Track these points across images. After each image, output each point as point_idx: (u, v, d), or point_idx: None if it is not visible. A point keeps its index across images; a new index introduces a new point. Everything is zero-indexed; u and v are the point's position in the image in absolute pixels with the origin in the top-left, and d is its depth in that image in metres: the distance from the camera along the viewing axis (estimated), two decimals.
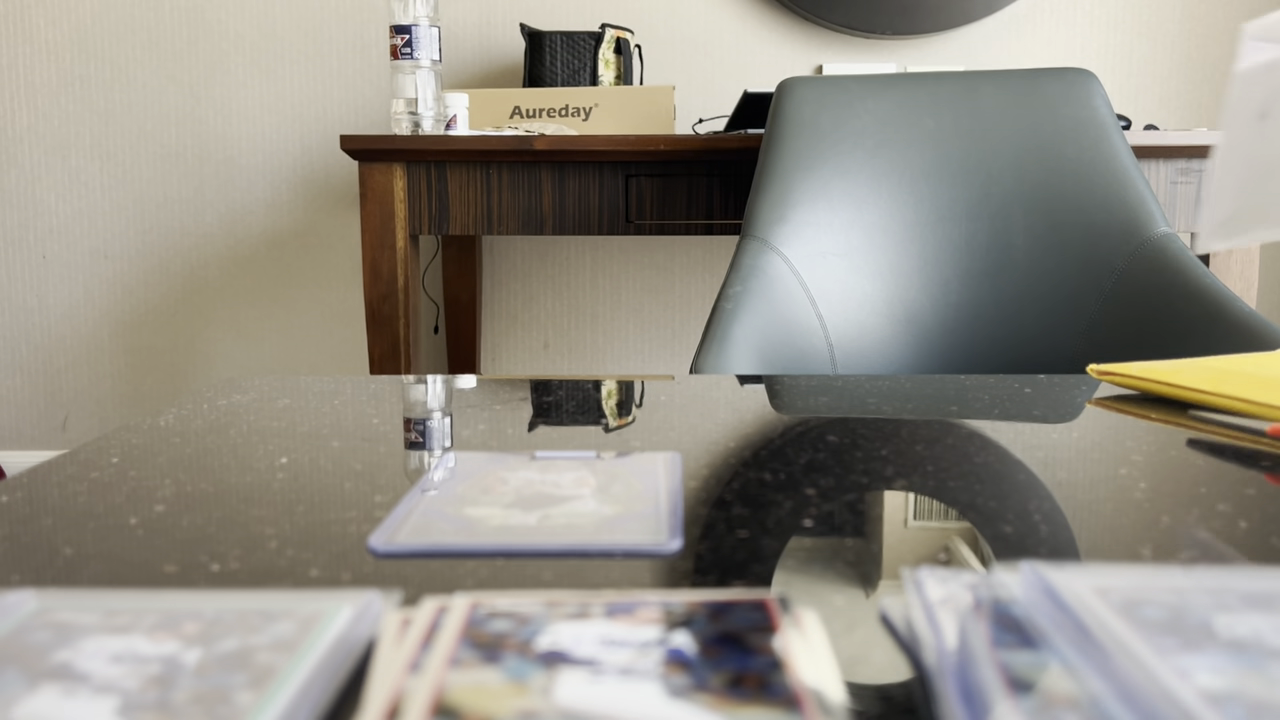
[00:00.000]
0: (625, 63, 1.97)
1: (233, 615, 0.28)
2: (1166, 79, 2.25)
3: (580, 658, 0.25)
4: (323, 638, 0.27)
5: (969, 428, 0.55)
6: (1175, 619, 0.26)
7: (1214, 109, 2.27)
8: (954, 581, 0.29)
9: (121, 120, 2.29)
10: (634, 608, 0.28)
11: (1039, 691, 0.23)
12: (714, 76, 2.25)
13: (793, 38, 2.24)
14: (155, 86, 2.28)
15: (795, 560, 0.35)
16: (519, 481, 0.43)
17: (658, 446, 0.50)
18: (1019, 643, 0.25)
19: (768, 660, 0.25)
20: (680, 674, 0.24)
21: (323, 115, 2.28)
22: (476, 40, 2.24)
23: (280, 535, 0.37)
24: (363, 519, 0.39)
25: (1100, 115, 1.23)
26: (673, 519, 0.38)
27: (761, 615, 0.28)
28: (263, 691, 0.24)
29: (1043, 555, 0.35)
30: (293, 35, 2.27)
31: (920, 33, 2.18)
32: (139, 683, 0.25)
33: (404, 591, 0.31)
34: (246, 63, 2.27)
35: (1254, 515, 0.39)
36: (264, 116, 2.29)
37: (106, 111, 2.29)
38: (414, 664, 0.25)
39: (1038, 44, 2.25)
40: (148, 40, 2.27)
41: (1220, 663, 0.23)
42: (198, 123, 2.29)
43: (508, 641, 0.26)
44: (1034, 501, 0.41)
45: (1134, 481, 0.44)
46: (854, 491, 0.43)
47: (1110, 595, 0.27)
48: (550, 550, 0.35)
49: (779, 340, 1.04)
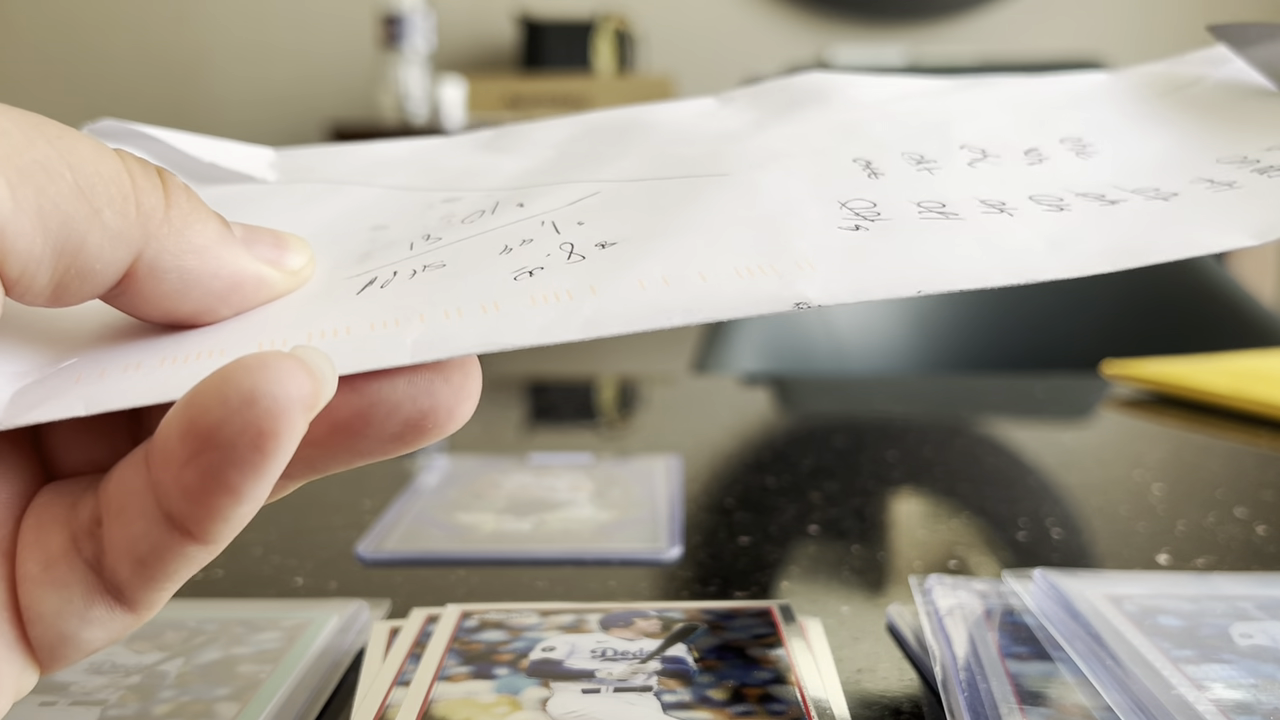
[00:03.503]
0: (624, 51, 1.97)
1: (215, 625, 0.28)
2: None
3: (575, 670, 0.25)
4: (308, 649, 0.27)
5: (979, 429, 0.54)
6: (1192, 628, 0.25)
7: None
8: (964, 590, 0.28)
9: (106, 112, 2.29)
10: (631, 618, 0.28)
11: (1051, 704, 0.23)
12: (714, 65, 2.24)
13: (796, 24, 2.23)
14: (140, 78, 2.28)
15: (799, 568, 0.34)
16: (513, 486, 0.42)
17: (657, 449, 0.49)
18: (1031, 653, 0.25)
19: (770, 673, 0.25)
20: (679, 687, 0.24)
21: (312, 106, 2.27)
22: (470, 24, 2.23)
23: (265, 542, 0.37)
24: (350, 525, 0.38)
25: None
26: (672, 525, 0.37)
27: (764, 625, 0.27)
28: (245, 704, 0.24)
29: (1055, 562, 0.34)
30: (280, 25, 2.26)
31: (930, 18, 2.16)
32: (118, 694, 0.25)
33: (392, 601, 0.31)
34: (233, 54, 2.27)
35: (1272, 520, 0.38)
36: (252, 107, 2.28)
37: (90, 103, 2.29)
38: (402, 676, 0.25)
39: (1053, 30, 2.21)
40: (132, 31, 2.27)
41: (1238, 673, 0.23)
42: (184, 114, 2.29)
43: (499, 653, 0.26)
44: (1046, 506, 0.41)
45: (1149, 485, 0.43)
46: (860, 496, 0.42)
47: (1125, 604, 0.26)
48: (545, 558, 0.35)
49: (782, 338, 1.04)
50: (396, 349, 0.16)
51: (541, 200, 0.21)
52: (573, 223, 0.19)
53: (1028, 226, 0.19)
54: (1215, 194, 0.20)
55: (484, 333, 0.16)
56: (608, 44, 1.94)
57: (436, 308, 0.17)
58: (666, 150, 0.22)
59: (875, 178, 0.21)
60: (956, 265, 0.18)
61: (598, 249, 0.18)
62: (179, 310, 0.17)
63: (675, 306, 0.17)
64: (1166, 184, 0.21)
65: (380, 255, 0.19)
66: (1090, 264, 0.18)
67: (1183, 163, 0.22)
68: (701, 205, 0.19)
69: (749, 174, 0.21)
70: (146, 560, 0.15)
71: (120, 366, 0.16)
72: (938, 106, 0.24)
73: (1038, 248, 0.18)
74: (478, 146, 0.25)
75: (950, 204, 0.20)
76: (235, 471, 0.14)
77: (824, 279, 0.17)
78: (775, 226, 0.19)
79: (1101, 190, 0.21)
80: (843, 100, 0.25)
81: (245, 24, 2.26)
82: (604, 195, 0.21)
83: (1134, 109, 0.25)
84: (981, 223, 0.19)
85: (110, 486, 0.15)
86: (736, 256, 0.18)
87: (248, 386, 0.13)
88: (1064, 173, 0.22)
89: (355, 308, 0.17)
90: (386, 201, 0.22)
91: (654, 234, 0.18)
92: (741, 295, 0.17)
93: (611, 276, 0.17)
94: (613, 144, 0.24)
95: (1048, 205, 0.20)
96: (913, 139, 0.22)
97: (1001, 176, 0.21)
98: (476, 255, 0.19)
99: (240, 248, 0.17)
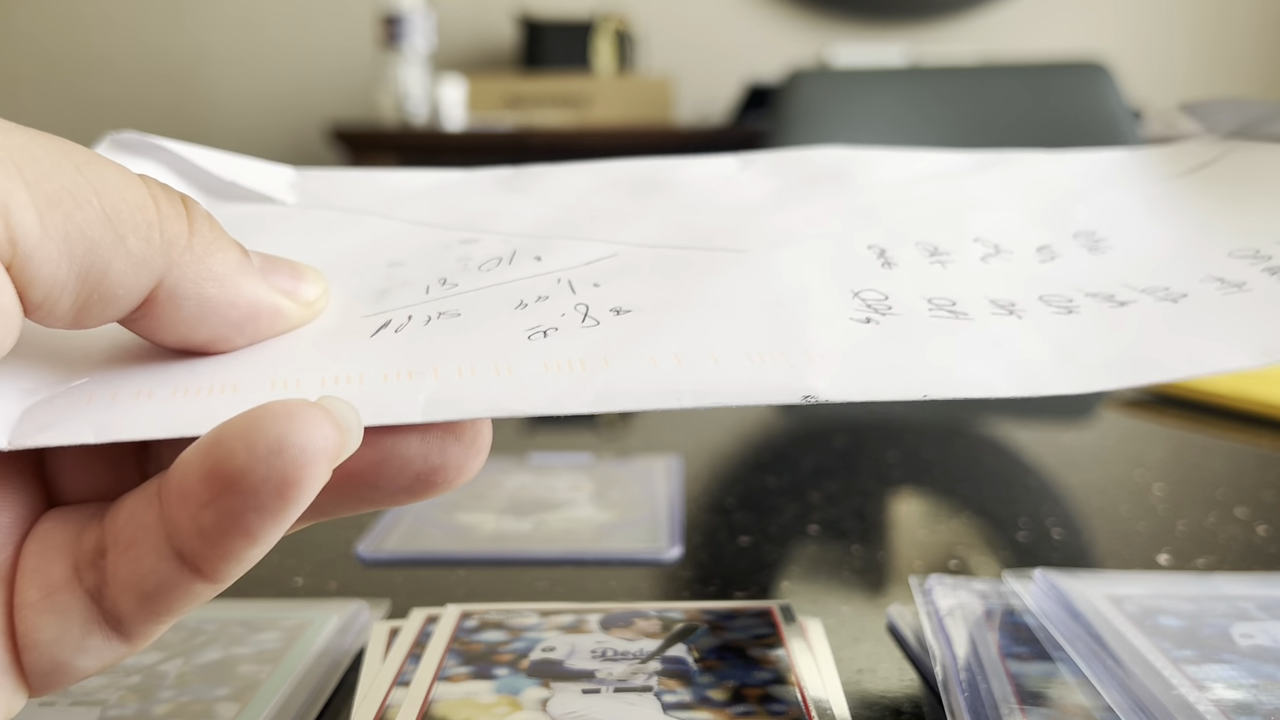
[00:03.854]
0: (624, 51, 1.97)
1: (215, 625, 0.28)
2: (1185, 65, 2.23)
3: (575, 670, 0.25)
4: (307, 649, 0.26)
5: (979, 429, 0.54)
6: (1192, 628, 0.25)
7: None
8: (964, 590, 0.28)
9: (103, 114, 2.28)
10: (631, 618, 0.28)
11: (1052, 704, 0.23)
12: (714, 65, 2.24)
13: (795, 24, 2.23)
14: (139, 78, 2.28)
15: (799, 568, 0.34)
16: (513, 486, 0.42)
17: (657, 449, 0.49)
18: (1031, 653, 0.25)
19: (770, 673, 0.25)
20: (679, 687, 0.24)
21: (311, 106, 2.27)
22: (470, 24, 2.23)
23: None
24: (350, 525, 0.38)
25: (1113, 108, 1.22)
26: (672, 525, 0.37)
27: (764, 626, 0.27)
28: (245, 704, 0.24)
29: (1056, 562, 0.34)
30: (279, 25, 2.25)
31: (930, 18, 2.16)
32: (118, 694, 0.24)
33: (392, 601, 0.31)
34: (232, 54, 2.27)
35: (1273, 520, 0.38)
36: (251, 107, 2.28)
37: (89, 104, 2.28)
38: (402, 677, 0.25)
39: (1053, 30, 2.21)
40: (131, 31, 2.27)
41: (1239, 673, 0.23)
42: (183, 114, 2.29)
43: (499, 653, 0.26)
44: (1047, 506, 0.40)
45: (1149, 485, 0.43)
46: (861, 496, 0.42)
47: (1126, 604, 0.26)
48: (545, 558, 0.35)
49: None
50: (410, 406, 0.16)
51: (559, 256, 0.21)
52: (588, 284, 0.20)
53: (1036, 331, 0.19)
54: (1224, 297, 0.20)
55: (496, 397, 0.16)
56: (608, 44, 1.94)
57: (449, 363, 0.17)
58: (686, 219, 0.23)
59: (889, 268, 0.21)
60: (963, 372, 0.18)
61: (612, 314, 0.18)
62: (195, 337, 0.17)
63: (686, 389, 0.17)
64: (1177, 282, 0.21)
65: (396, 295, 0.19)
66: (1095, 379, 0.18)
67: (1195, 256, 0.22)
68: (717, 282, 0.20)
69: (765, 253, 0.21)
70: (152, 595, 0.15)
71: (132, 393, 0.16)
72: (954, 192, 0.24)
73: (1045, 356, 0.18)
74: (498, 184, 0.25)
75: (960, 303, 0.20)
76: (255, 517, 0.14)
77: (833, 374, 0.17)
78: (789, 311, 0.19)
79: (1112, 290, 0.20)
80: (862, 180, 0.25)
81: (244, 24, 2.26)
82: (621, 258, 0.21)
83: (1150, 190, 0.25)
84: (990, 325, 0.19)
85: (120, 519, 0.15)
86: (749, 339, 0.18)
87: (275, 435, 0.13)
88: (1075, 270, 0.21)
89: (369, 352, 0.17)
90: (405, 236, 0.22)
91: (669, 307, 0.19)
92: (752, 383, 0.17)
93: (624, 349, 0.17)
94: (632, 199, 0.24)
95: (1057, 307, 0.20)
96: (927, 228, 0.22)
97: (1012, 273, 0.21)
98: (491, 307, 0.19)
99: (258, 277, 0.17)
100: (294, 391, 0.16)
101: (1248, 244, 0.22)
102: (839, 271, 0.20)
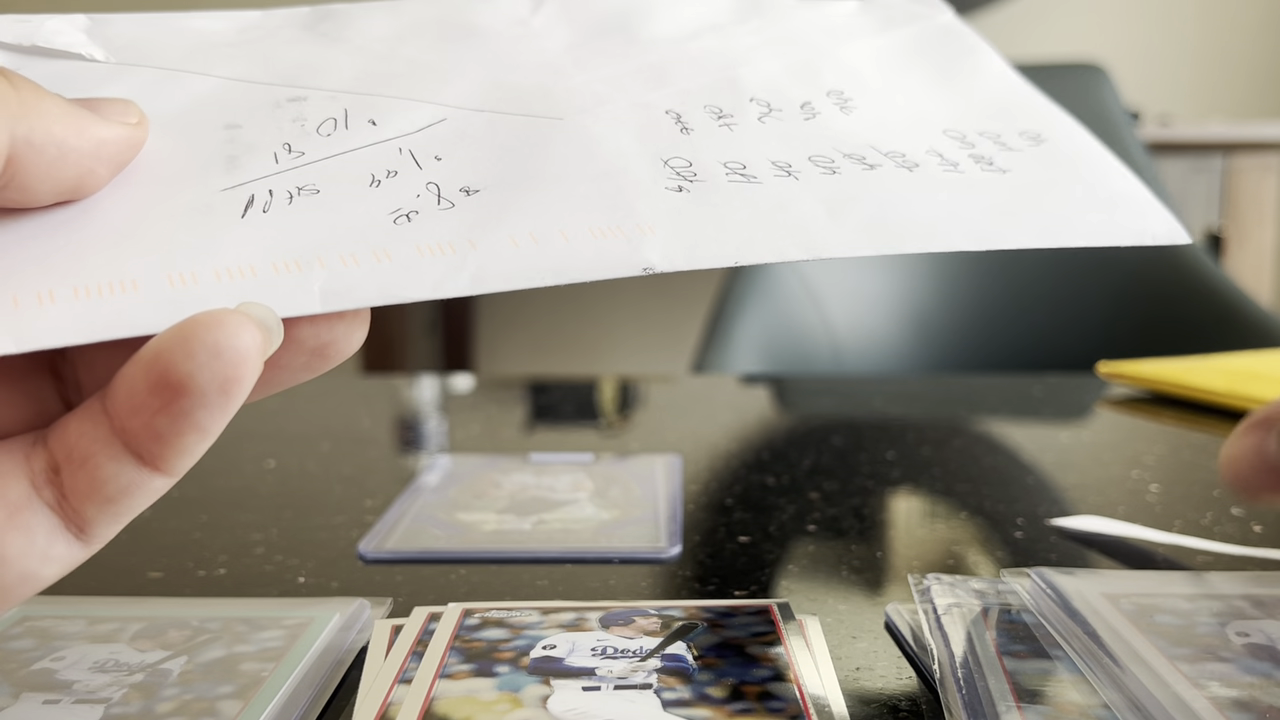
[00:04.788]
0: None
1: (218, 623, 0.28)
2: (1182, 67, 2.23)
3: (575, 668, 0.25)
4: (310, 647, 0.27)
5: (977, 429, 0.55)
6: (1188, 626, 0.25)
7: (1228, 99, 2.25)
8: (962, 588, 0.28)
9: None
10: (631, 616, 0.28)
11: (1049, 701, 0.23)
12: None
13: None
14: None
15: (798, 567, 0.34)
16: (514, 485, 0.43)
17: (657, 449, 0.49)
18: (1029, 651, 0.25)
19: (769, 670, 0.25)
20: (679, 685, 0.24)
21: None
22: None
23: (267, 541, 0.37)
24: (352, 524, 0.38)
25: (1110, 111, 1.22)
26: (672, 524, 0.37)
27: (763, 624, 0.27)
28: (248, 702, 0.24)
29: (1053, 561, 0.34)
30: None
31: None
32: (122, 692, 0.25)
33: (394, 599, 0.31)
34: None
35: (1268, 519, 0.38)
36: None
37: None
38: (404, 674, 0.25)
39: (1052, 30, 2.22)
40: None
41: (1234, 671, 0.23)
42: None
43: (501, 651, 0.26)
44: (1044, 505, 0.41)
45: (1146, 484, 0.43)
46: (859, 495, 0.42)
47: (1122, 602, 0.26)
48: (545, 556, 0.35)
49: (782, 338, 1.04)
50: (308, 298, 0.18)
51: (393, 121, 0.22)
52: (430, 156, 0.21)
53: (809, 192, 0.21)
54: (945, 174, 0.22)
55: (383, 285, 0.18)
56: None
57: (330, 251, 0.18)
58: (501, 78, 0.24)
59: (687, 133, 0.23)
60: (759, 237, 0.20)
61: (463, 195, 0.20)
62: (64, 178, 0.18)
63: (546, 268, 0.19)
64: (910, 150, 0.23)
65: (246, 163, 0.20)
66: (858, 242, 0.20)
67: (920, 126, 0.24)
68: (547, 155, 0.21)
69: (579, 120, 0.22)
70: (114, 498, 0.17)
71: (33, 296, 0.17)
72: (727, 49, 0.26)
73: (820, 216, 0.20)
74: (303, 29, 0.25)
75: (749, 165, 0.22)
76: (205, 414, 0.16)
77: (663, 245, 0.19)
78: (614, 184, 0.20)
79: (862, 152, 0.23)
80: (644, 35, 0.26)
81: None
82: (451, 123, 0.22)
83: (876, 45, 0.27)
84: (774, 188, 0.21)
85: (69, 438, 0.17)
86: (589, 215, 0.20)
87: (210, 341, 0.16)
88: (832, 129, 0.24)
89: (247, 237, 0.18)
90: (232, 96, 0.23)
91: (512, 185, 0.20)
92: (598, 258, 0.19)
93: (485, 230, 0.19)
94: (440, 49, 0.25)
95: (823, 168, 0.22)
96: (711, 90, 0.24)
97: (785, 133, 0.23)
98: (347, 184, 0.20)
99: (91, 112, 0.18)
100: (191, 286, 0.18)
101: (955, 126, 0.24)
102: (646, 139, 0.22)
